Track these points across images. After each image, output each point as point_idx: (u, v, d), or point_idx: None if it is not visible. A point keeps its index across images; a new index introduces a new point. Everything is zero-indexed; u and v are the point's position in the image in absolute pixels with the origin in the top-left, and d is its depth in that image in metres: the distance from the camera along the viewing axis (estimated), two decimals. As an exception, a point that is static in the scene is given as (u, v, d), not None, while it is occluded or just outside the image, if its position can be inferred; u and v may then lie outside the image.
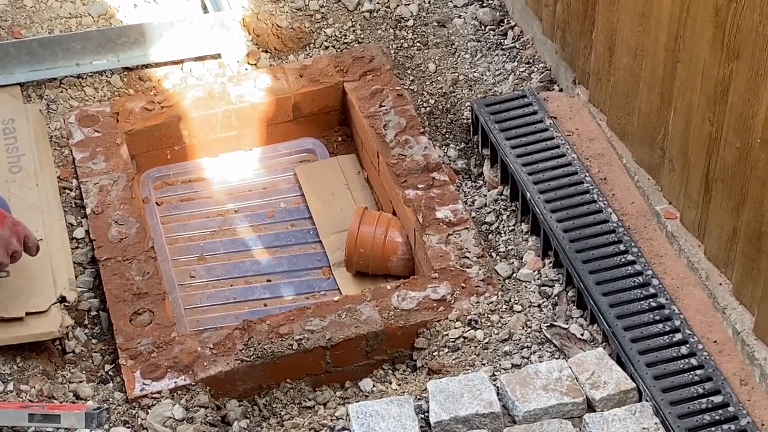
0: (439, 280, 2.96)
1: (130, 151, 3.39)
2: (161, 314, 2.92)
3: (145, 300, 2.95)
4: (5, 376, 2.72)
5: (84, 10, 3.74)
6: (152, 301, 2.95)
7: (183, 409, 2.71)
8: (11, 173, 3.16)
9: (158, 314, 2.92)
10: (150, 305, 2.94)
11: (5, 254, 2.68)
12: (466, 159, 3.39)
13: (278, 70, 3.57)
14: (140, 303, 2.94)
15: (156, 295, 2.96)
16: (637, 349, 2.64)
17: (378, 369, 2.94)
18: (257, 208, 3.46)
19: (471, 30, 3.71)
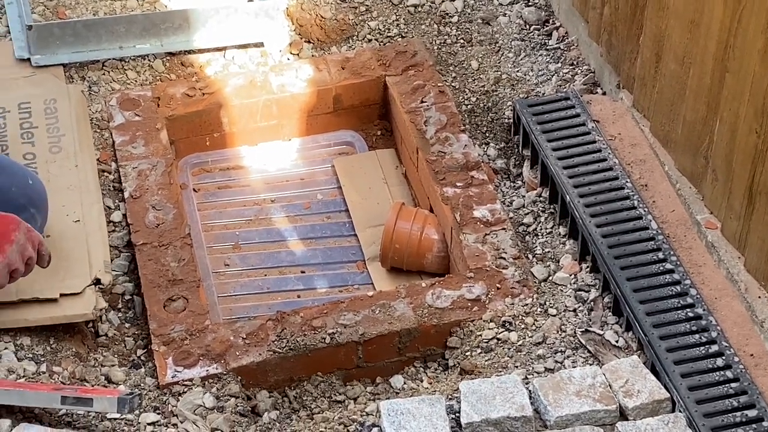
0: (475, 280, 2.95)
1: (169, 136, 3.39)
2: (195, 302, 2.92)
3: (180, 287, 2.95)
4: (38, 356, 2.72)
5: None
6: (187, 288, 2.95)
7: (214, 397, 2.71)
8: (51, 153, 3.16)
9: (192, 301, 2.92)
10: (184, 292, 2.94)
11: (21, 260, 2.62)
12: (506, 159, 3.37)
13: (320, 61, 3.56)
14: (175, 289, 2.94)
15: (191, 282, 2.96)
16: (673, 359, 2.61)
17: (410, 366, 2.93)
18: (294, 199, 3.46)
19: (515, 29, 3.69)
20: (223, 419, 2.66)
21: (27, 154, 3.15)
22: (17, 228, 2.61)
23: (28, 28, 3.42)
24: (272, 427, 2.72)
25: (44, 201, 2.83)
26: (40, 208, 2.77)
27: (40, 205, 2.77)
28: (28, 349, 2.73)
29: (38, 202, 2.76)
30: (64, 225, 2.95)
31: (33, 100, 3.31)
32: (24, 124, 3.24)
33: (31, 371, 2.66)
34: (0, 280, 2.60)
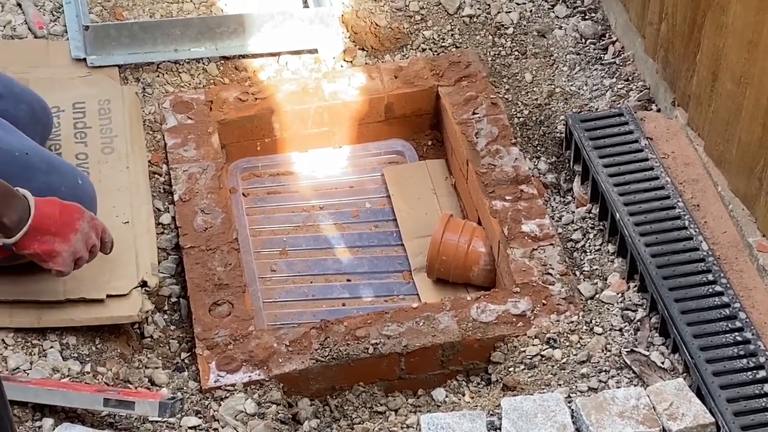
0: (520, 295, 2.93)
1: (221, 140, 3.40)
2: (240, 307, 2.92)
3: (226, 291, 2.95)
4: (83, 356, 2.74)
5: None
6: (232, 292, 2.95)
7: (255, 404, 2.72)
8: (103, 154, 3.18)
9: (237, 307, 2.92)
10: (230, 297, 2.94)
11: (85, 248, 2.67)
12: (557, 173, 3.35)
13: (373, 69, 3.56)
14: (220, 294, 2.95)
15: (236, 287, 2.97)
16: (719, 383, 2.58)
17: (452, 379, 2.91)
18: (342, 207, 3.46)
19: (571, 42, 3.66)
20: (264, 426, 2.66)
21: (79, 154, 3.17)
22: (81, 217, 2.65)
23: (85, 29, 3.45)
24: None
25: (93, 201, 2.84)
26: (88, 208, 2.78)
27: (88, 204, 2.78)
28: (73, 349, 2.75)
29: (87, 202, 2.77)
30: (113, 226, 2.95)
31: (87, 100, 3.33)
32: (78, 124, 3.26)
33: (76, 371, 2.68)
34: (65, 267, 2.64)
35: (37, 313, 2.72)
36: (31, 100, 3.07)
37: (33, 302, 2.73)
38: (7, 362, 2.63)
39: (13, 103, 3.00)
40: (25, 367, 2.64)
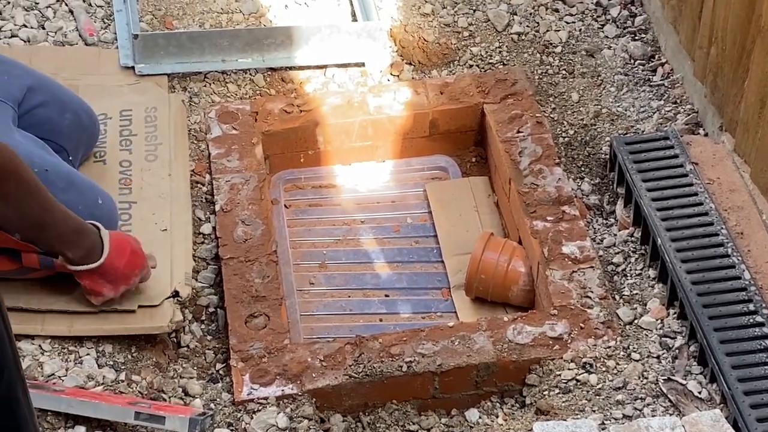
0: (558, 318, 2.91)
1: (264, 151, 3.41)
2: (276, 320, 2.92)
3: (263, 303, 2.96)
4: (119, 364, 2.76)
5: (236, 7, 3.77)
6: (269, 305, 2.95)
7: (287, 418, 2.72)
8: (147, 161, 3.20)
9: (273, 319, 2.92)
10: (266, 309, 2.94)
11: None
12: (600, 195, 3.32)
13: (419, 84, 3.55)
14: (257, 306, 2.95)
15: (273, 300, 2.97)
16: (756, 416, 2.54)
17: (486, 400, 2.90)
18: (383, 221, 3.45)
19: (620, 63, 3.63)
20: (295, 441, 2.66)
21: (123, 161, 3.19)
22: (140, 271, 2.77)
23: (134, 37, 3.48)
24: (343, 453, 2.72)
25: (112, 220, 2.86)
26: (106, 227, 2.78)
27: (106, 223, 2.78)
28: (109, 357, 2.76)
29: (104, 220, 2.77)
30: (151, 233, 2.98)
31: (135, 108, 3.36)
32: (124, 132, 3.28)
33: (111, 379, 2.69)
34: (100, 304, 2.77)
35: (69, 321, 2.74)
36: (78, 108, 3.09)
37: (65, 311, 2.75)
38: (42, 368, 2.66)
39: (59, 112, 3.03)
40: (60, 374, 2.66)
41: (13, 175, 2.43)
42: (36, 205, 2.55)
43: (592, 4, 3.81)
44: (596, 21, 3.77)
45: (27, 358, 2.68)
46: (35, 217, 2.57)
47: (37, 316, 2.74)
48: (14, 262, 2.67)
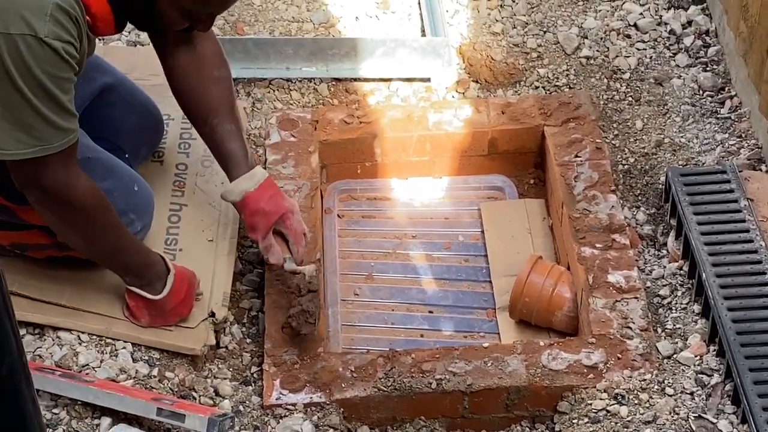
0: (596, 347, 2.87)
1: (321, 160, 3.44)
2: (313, 328, 2.94)
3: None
4: (154, 360, 2.80)
5: (307, 16, 3.81)
6: (308, 313, 2.97)
7: (313, 426, 2.73)
8: (203, 167, 3.24)
9: (310, 327, 2.94)
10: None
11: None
12: (654, 225, 3.27)
13: (481, 103, 3.54)
14: (296, 313, 2.97)
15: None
16: (783, 461, 2.49)
17: (516, 424, 2.88)
18: (435, 237, 3.45)
19: (688, 93, 3.58)
20: (318, 449, 2.68)
21: (179, 164, 3.23)
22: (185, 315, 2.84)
23: (202, 40, 3.52)
24: (365, 465, 2.73)
25: (148, 208, 2.90)
26: (141, 215, 2.84)
27: (141, 212, 2.84)
28: (144, 351, 2.81)
29: (140, 209, 2.83)
30: (198, 242, 3.02)
31: (197, 111, 3.40)
32: (184, 134, 3.33)
33: (143, 374, 2.74)
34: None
35: (108, 324, 2.79)
36: (144, 111, 3.14)
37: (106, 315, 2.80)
38: (77, 358, 2.71)
39: (124, 113, 3.07)
40: (95, 365, 2.71)
41: (91, 213, 2.56)
42: (108, 242, 2.67)
43: (665, 32, 3.76)
44: (668, 49, 3.72)
45: (65, 347, 2.74)
46: (104, 251, 2.71)
47: (77, 313, 2.79)
48: (50, 238, 2.73)
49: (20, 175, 2.47)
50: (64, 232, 2.63)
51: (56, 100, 2.37)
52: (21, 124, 2.35)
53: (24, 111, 2.34)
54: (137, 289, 2.76)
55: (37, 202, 2.53)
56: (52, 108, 2.37)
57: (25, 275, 2.82)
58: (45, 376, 2.53)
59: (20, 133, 2.36)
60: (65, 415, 2.55)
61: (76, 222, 2.58)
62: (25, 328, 2.75)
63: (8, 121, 2.34)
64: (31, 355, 2.67)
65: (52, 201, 2.51)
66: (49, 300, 2.78)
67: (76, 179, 2.51)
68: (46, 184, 2.47)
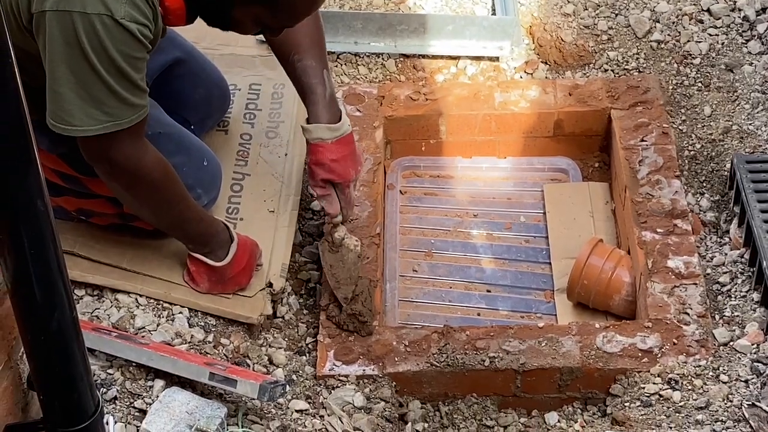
0: (652, 331, 2.85)
1: (386, 136, 3.45)
2: (369, 301, 2.96)
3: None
4: (209, 326, 2.84)
5: (378, -9, 3.82)
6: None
7: (364, 398, 2.75)
8: (267, 138, 3.27)
9: (366, 300, 2.96)
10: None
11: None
12: (718, 212, 3.23)
13: (549, 84, 3.53)
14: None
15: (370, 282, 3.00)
16: (836, 453, 2.45)
17: (568, 405, 2.87)
18: (496, 217, 3.44)
19: (759, 80, 3.52)
20: (368, 420, 2.69)
21: (244, 134, 3.27)
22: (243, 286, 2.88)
23: (272, 13, 3.55)
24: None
25: (215, 183, 2.94)
26: (208, 190, 2.87)
27: (209, 186, 2.87)
28: (201, 317, 2.85)
29: (207, 184, 2.87)
30: (259, 212, 3.05)
31: (264, 83, 3.43)
32: (249, 105, 3.36)
33: (198, 339, 2.77)
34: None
35: (167, 288, 2.83)
36: (211, 84, 3.16)
37: (165, 280, 2.84)
38: (134, 321, 2.76)
39: (191, 86, 3.11)
40: (151, 328, 2.75)
41: (158, 186, 2.60)
42: (174, 212, 2.71)
43: (739, 18, 3.71)
44: (741, 36, 3.67)
45: (122, 309, 2.79)
46: (169, 221, 2.75)
47: (137, 276, 2.84)
48: (115, 207, 2.78)
49: (90, 150, 2.52)
50: (131, 203, 2.68)
51: (129, 78, 2.41)
52: (94, 101, 2.40)
53: (97, 88, 2.39)
54: (200, 255, 2.80)
55: (106, 175, 2.57)
56: (124, 86, 2.41)
57: (88, 238, 2.87)
58: (101, 337, 2.57)
59: (92, 109, 2.40)
60: (119, 375, 2.59)
61: (143, 194, 2.62)
62: (85, 289, 2.80)
63: (81, 97, 2.39)
64: (88, 316, 2.73)
65: (120, 174, 2.55)
66: (109, 262, 2.83)
67: (144, 153, 2.55)
68: (116, 158, 2.51)
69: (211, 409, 2.50)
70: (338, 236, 2.92)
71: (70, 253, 2.82)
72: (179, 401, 2.51)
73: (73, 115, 2.40)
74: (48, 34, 2.34)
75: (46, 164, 2.65)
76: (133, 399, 2.57)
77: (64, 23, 2.33)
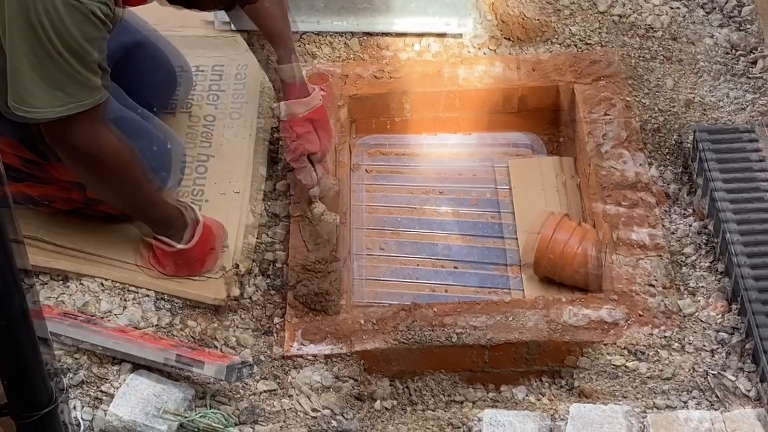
0: (617, 303, 2.87)
1: (351, 115, 3.45)
2: (336, 280, 2.96)
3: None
4: (176, 308, 2.83)
5: (340, -30, 3.80)
6: (331, 265, 2.99)
7: (332, 377, 2.76)
8: (231, 119, 3.26)
9: (333, 279, 2.96)
10: (328, 269, 2.99)
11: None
12: (681, 184, 3.24)
13: (512, 60, 3.53)
14: (319, 265, 2.99)
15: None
16: (800, 420, 2.48)
17: (536, 379, 2.89)
18: (462, 193, 3.45)
19: (720, 52, 3.54)
20: (336, 399, 2.70)
21: (207, 116, 3.26)
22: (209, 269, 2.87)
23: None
24: (382, 416, 2.74)
25: (179, 165, 2.94)
26: (172, 173, 2.87)
27: (173, 169, 2.87)
28: (167, 300, 2.84)
29: (171, 166, 2.86)
30: (225, 193, 3.04)
31: (227, 63, 3.42)
32: (213, 86, 3.35)
33: (165, 322, 2.77)
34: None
35: (133, 272, 2.83)
36: (172, 67, 3.15)
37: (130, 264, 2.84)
38: (100, 305, 2.75)
39: (152, 69, 3.10)
40: (117, 312, 2.75)
41: (120, 168, 2.60)
42: (137, 194, 2.71)
43: (700, -10, 3.72)
44: (702, 8, 3.68)
45: (88, 294, 2.78)
46: (133, 203, 2.75)
47: (102, 260, 2.83)
48: (78, 192, 2.77)
49: (51, 133, 2.50)
50: (94, 185, 2.67)
51: (89, 59, 2.40)
52: (54, 82, 2.39)
53: (57, 69, 2.37)
54: (165, 238, 2.79)
55: (68, 158, 2.56)
56: (84, 67, 2.40)
57: (52, 224, 2.86)
58: (67, 322, 2.57)
59: (53, 91, 2.39)
60: (86, 360, 2.59)
61: (105, 177, 2.61)
62: (50, 274, 2.79)
63: (43, 79, 2.38)
64: (54, 301, 2.72)
65: (82, 156, 2.55)
66: (74, 247, 2.82)
67: (105, 135, 2.54)
68: (77, 141, 2.50)
69: (178, 392, 2.51)
70: (317, 212, 2.94)
71: (34, 238, 2.81)
72: (146, 384, 2.51)
73: (34, 97, 2.39)
74: (8, 15, 2.33)
75: (7, 150, 2.64)
76: (100, 383, 2.57)
77: (23, 4, 2.31)
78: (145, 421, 2.45)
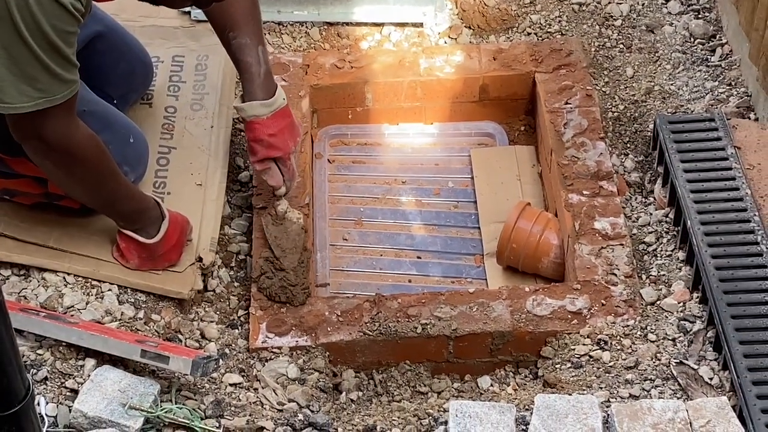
0: (580, 293, 2.89)
1: (312, 105, 3.44)
2: (300, 272, 2.96)
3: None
4: (140, 302, 2.82)
5: (301, -41, 3.78)
6: (295, 257, 2.99)
7: (298, 369, 2.76)
8: (192, 110, 3.24)
9: (297, 271, 2.96)
10: (291, 261, 2.98)
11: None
12: (642, 173, 3.27)
13: (473, 49, 3.53)
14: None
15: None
16: (761, 407, 2.50)
17: (500, 369, 2.90)
18: (425, 183, 3.45)
19: (679, 40, 3.57)
20: (302, 392, 2.70)
21: (168, 107, 3.24)
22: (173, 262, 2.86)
23: (193, -17, 3.51)
24: (348, 407, 2.75)
25: (142, 159, 2.92)
26: (135, 166, 2.86)
27: (136, 163, 2.85)
28: (131, 294, 2.82)
29: (134, 160, 2.85)
30: (187, 185, 3.03)
31: (187, 54, 3.40)
32: (173, 77, 3.33)
33: (129, 316, 2.76)
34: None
35: (95, 265, 2.80)
36: (133, 58, 3.12)
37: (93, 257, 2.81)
38: (63, 300, 2.73)
39: (113, 60, 3.06)
40: (80, 307, 2.73)
41: (89, 162, 2.57)
42: (105, 189, 2.68)
43: (658, -22, 3.74)
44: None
45: (50, 288, 2.76)
46: (100, 198, 2.72)
47: (65, 254, 2.81)
48: (41, 187, 2.75)
49: (21, 128, 2.47)
50: (61, 181, 2.64)
51: (61, 53, 2.38)
52: (26, 77, 2.36)
53: (30, 64, 2.35)
54: (130, 232, 2.77)
55: (37, 153, 2.53)
56: (57, 61, 2.38)
57: (13, 217, 2.83)
58: (29, 317, 2.55)
59: (24, 86, 2.36)
60: (50, 356, 2.57)
61: (75, 171, 2.59)
62: (11, 269, 2.77)
63: (13, 73, 2.35)
64: (16, 296, 2.69)
65: (52, 151, 2.52)
66: (35, 241, 2.80)
67: (76, 129, 2.52)
68: (47, 135, 2.47)
69: (143, 387, 2.49)
70: (281, 209, 2.93)
71: (-5, 233, 2.78)
72: (111, 380, 2.49)
73: (4, 92, 2.36)
74: None
75: (-32, 145, 2.61)
76: (65, 379, 2.55)
77: None
78: (110, 417, 2.43)
